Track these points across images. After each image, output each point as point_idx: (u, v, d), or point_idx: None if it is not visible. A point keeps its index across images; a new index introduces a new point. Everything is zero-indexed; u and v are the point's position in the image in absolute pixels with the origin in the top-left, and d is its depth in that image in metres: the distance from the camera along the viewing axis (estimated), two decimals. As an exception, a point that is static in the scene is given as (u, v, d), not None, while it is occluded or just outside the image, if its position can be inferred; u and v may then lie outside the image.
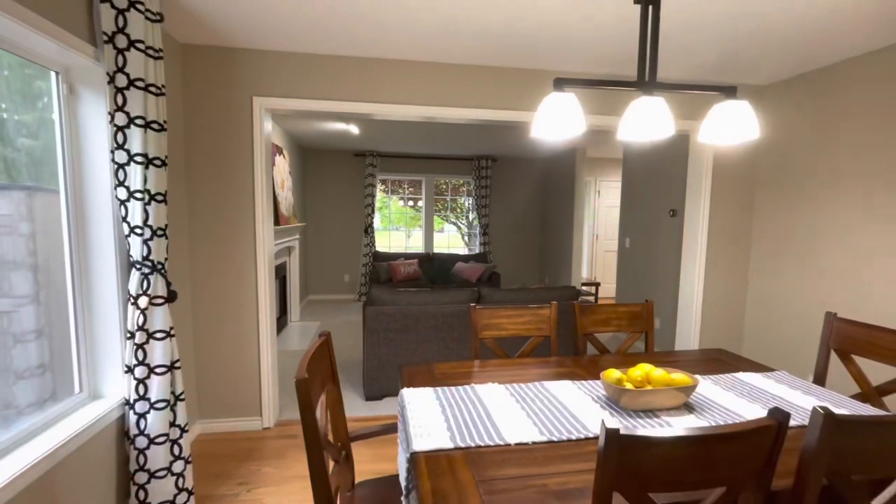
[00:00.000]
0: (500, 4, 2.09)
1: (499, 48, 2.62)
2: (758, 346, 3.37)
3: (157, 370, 1.96)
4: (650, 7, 1.47)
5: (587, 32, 2.37)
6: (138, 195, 1.87)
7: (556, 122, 1.44)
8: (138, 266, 1.91)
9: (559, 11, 2.14)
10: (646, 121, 1.44)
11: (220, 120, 2.69)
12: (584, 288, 6.95)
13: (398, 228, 8.07)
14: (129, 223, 1.88)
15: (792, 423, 1.41)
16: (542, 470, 1.17)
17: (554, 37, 2.44)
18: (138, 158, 1.85)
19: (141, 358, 1.93)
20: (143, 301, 1.92)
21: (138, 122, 1.85)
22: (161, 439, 1.97)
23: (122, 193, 1.86)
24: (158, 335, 1.96)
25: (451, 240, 8.23)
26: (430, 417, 1.41)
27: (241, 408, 2.89)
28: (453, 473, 1.14)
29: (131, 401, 1.93)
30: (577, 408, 1.50)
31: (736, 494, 0.99)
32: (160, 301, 1.97)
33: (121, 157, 1.84)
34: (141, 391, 1.93)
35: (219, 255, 2.77)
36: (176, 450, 2.04)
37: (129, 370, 1.93)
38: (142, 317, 1.92)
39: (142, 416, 1.94)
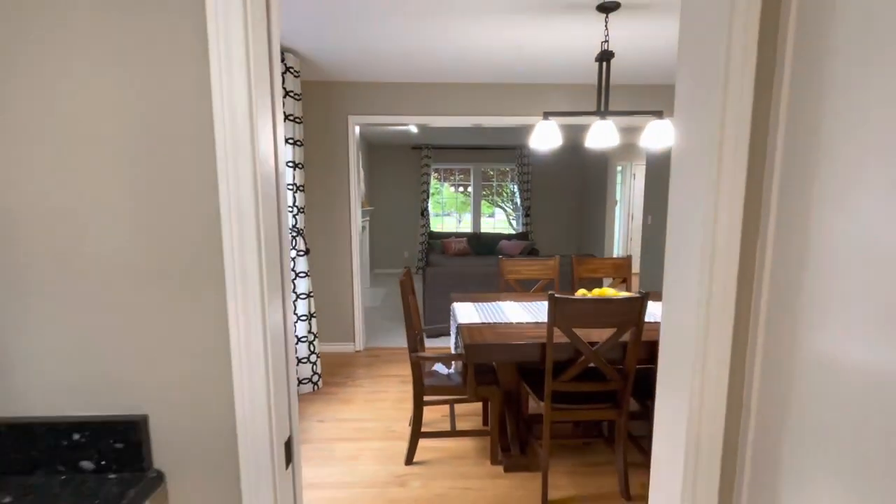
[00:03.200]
0: (506, 44, 3.04)
1: (510, 71, 3.57)
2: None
3: (301, 296, 3.13)
4: (604, 64, 2.38)
5: (569, 68, 3.38)
6: (290, 187, 3.01)
7: (545, 139, 2.40)
8: (290, 231, 3.07)
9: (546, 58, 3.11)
10: (601, 136, 2.37)
11: (326, 133, 3.82)
12: (616, 263, 7.69)
13: (449, 214, 9.12)
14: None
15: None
16: (526, 331, 2.18)
17: (543, 71, 3.46)
18: (290, 164, 3.00)
19: (292, 288, 3.10)
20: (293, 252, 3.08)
21: (290, 141, 2.98)
22: (304, 339, 3.15)
23: (280, 186, 3.02)
24: (301, 274, 3.13)
25: (498, 224, 9.18)
26: (468, 312, 2.46)
27: (340, 335, 4.07)
28: (479, 330, 2.18)
29: (286, 315, 3.12)
30: (558, 311, 2.48)
31: (622, 333, 1.95)
32: (302, 253, 3.13)
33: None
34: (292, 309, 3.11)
35: (326, 225, 3.93)
36: (311, 347, 3.22)
37: (285, 296, 3.11)
38: (292, 262, 3.09)
39: (293, 324, 3.12)
